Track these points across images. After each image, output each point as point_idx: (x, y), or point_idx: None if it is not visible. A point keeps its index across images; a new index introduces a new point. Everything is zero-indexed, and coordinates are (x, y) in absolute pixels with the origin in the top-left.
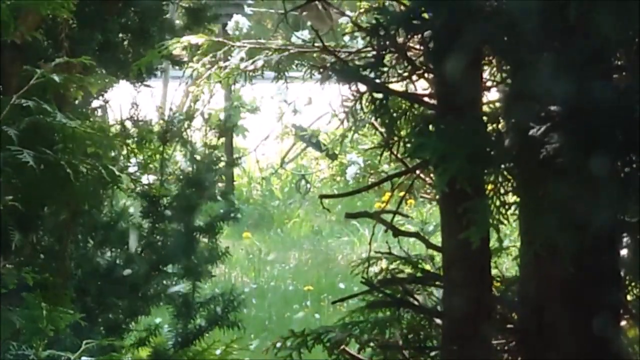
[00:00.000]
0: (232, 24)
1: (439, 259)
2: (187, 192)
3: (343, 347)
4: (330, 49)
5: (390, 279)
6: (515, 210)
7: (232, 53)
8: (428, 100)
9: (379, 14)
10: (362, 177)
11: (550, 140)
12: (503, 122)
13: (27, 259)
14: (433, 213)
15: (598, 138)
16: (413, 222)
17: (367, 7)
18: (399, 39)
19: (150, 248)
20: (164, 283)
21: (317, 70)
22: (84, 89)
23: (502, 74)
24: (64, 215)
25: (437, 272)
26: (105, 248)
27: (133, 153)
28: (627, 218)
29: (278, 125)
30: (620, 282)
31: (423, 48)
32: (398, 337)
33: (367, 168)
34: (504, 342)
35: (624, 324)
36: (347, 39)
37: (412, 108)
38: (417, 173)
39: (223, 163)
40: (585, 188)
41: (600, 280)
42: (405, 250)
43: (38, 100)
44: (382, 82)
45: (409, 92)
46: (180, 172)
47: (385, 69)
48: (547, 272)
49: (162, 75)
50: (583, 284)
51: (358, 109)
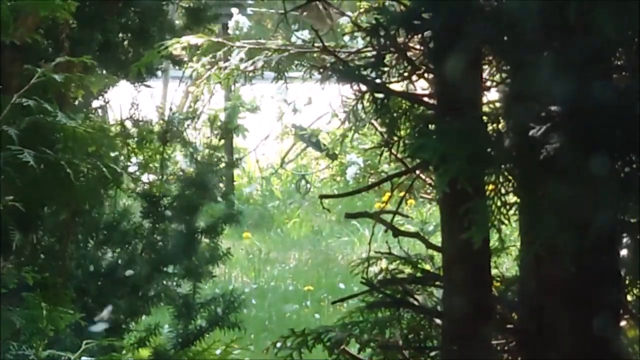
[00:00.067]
0: (232, 24)
1: (439, 259)
2: (188, 192)
3: (343, 347)
4: (330, 49)
5: (390, 279)
6: (516, 211)
7: (231, 53)
8: (428, 100)
9: (379, 14)
10: (362, 177)
11: (550, 141)
12: (503, 122)
13: (27, 259)
14: (433, 213)
15: (598, 138)
16: (413, 222)
17: (367, 7)
18: (399, 39)
19: (151, 248)
20: (164, 283)
21: (317, 70)
22: (85, 89)
23: (502, 74)
24: (64, 215)
25: (437, 272)
26: (106, 248)
27: (134, 153)
28: (627, 218)
29: (278, 125)
30: (620, 282)
31: (423, 48)
32: (398, 337)
33: (367, 168)
34: (504, 342)
35: (624, 324)
36: (347, 39)
37: (412, 108)
38: (417, 173)
39: (224, 164)
40: (585, 188)
41: (600, 280)
42: (405, 250)
43: (39, 100)
44: (382, 82)
45: (409, 92)
46: (181, 172)
47: (386, 69)
48: (547, 272)
49: (162, 75)
50: (583, 284)
51: (359, 109)
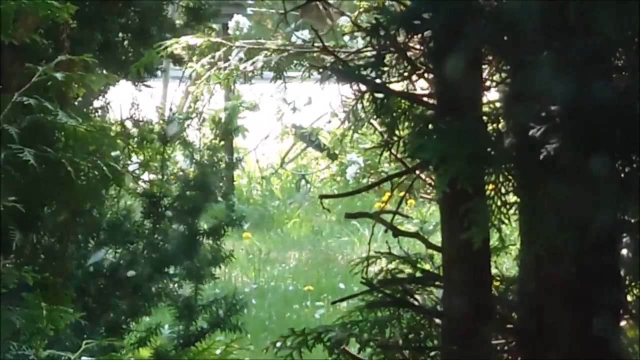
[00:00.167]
0: (232, 24)
1: (439, 259)
2: (189, 194)
3: (343, 346)
4: (330, 49)
5: (390, 279)
6: (516, 211)
7: (231, 53)
8: (428, 100)
9: (379, 14)
10: (362, 177)
11: (550, 141)
12: (503, 122)
13: (27, 259)
14: (433, 213)
15: (598, 138)
16: (413, 222)
17: (367, 7)
18: (399, 39)
19: (152, 249)
20: (164, 282)
21: (316, 70)
22: (86, 87)
23: (502, 74)
24: (65, 215)
25: (437, 272)
26: (107, 248)
27: (134, 152)
28: (627, 218)
29: (278, 125)
30: (620, 282)
31: (423, 48)
32: (398, 336)
33: (367, 168)
34: (504, 342)
35: (624, 324)
36: (347, 39)
37: (412, 108)
38: (417, 173)
39: (224, 165)
40: (586, 188)
41: (600, 280)
42: (405, 250)
43: (39, 99)
44: (382, 82)
45: (409, 92)
46: (181, 172)
47: (386, 69)
48: (547, 272)
49: (162, 75)
50: (583, 284)
51: (358, 109)
